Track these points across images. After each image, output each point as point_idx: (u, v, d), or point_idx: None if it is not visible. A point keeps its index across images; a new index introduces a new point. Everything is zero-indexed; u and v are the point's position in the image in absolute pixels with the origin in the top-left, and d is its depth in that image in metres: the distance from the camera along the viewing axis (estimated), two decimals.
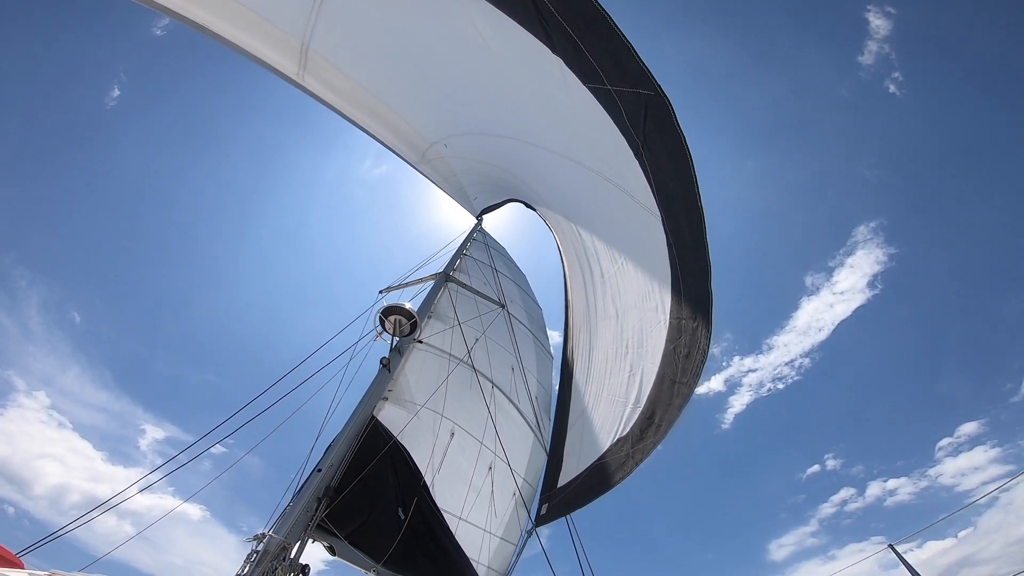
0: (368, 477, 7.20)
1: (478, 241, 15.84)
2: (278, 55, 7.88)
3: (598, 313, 10.05)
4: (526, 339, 13.19)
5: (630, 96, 6.38)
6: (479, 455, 9.75)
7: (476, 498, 9.18)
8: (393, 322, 8.91)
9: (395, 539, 7.10)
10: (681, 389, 7.36)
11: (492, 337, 11.73)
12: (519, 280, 16.18)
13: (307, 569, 5.51)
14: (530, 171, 11.01)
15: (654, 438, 7.58)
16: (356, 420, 7.56)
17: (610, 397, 8.86)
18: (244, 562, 5.26)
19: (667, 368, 7.61)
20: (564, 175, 9.57)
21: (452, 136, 10.66)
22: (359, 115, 9.60)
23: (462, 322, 10.66)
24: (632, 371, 8.40)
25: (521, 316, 13.78)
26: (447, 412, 9.61)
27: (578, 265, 10.95)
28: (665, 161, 6.74)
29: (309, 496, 6.30)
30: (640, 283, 8.35)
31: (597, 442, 8.68)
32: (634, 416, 8.05)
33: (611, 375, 9.11)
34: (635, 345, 8.45)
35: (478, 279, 13.35)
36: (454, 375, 10.05)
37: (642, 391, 8.00)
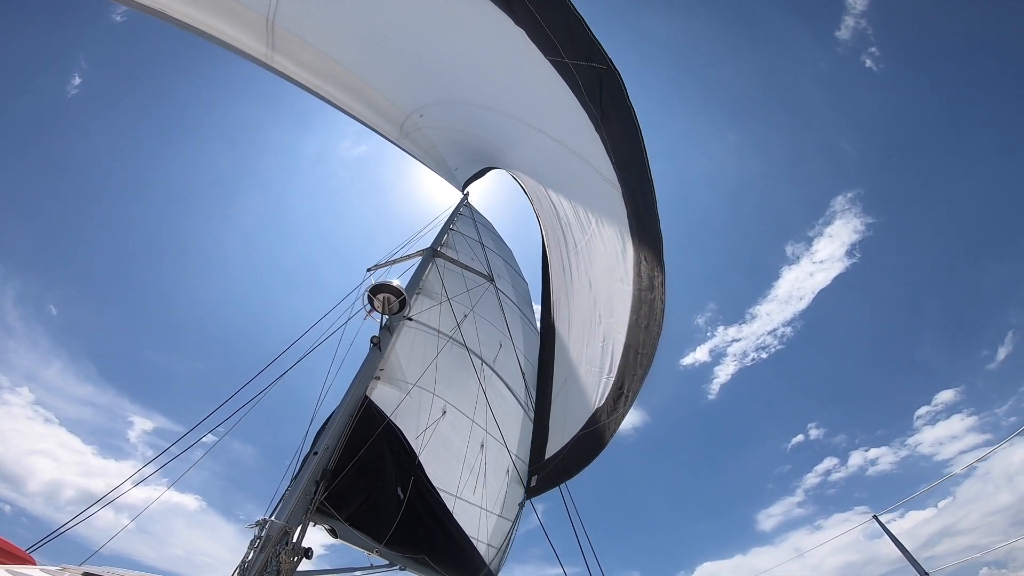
0: (365, 458, 7.10)
1: (465, 216, 15.67)
2: (244, 35, 7.59)
3: (574, 282, 9.98)
4: (514, 314, 13.10)
5: (586, 70, 6.38)
6: (471, 433, 9.68)
7: (470, 476, 9.13)
8: (382, 300, 8.74)
9: (395, 519, 7.04)
10: (642, 360, 7.33)
11: (481, 313, 11.61)
12: (505, 255, 16.05)
13: (310, 552, 5.45)
14: (505, 141, 10.88)
15: (623, 409, 7.55)
16: (349, 401, 7.45)
17: (588, 367, 8.80)
18: (248, 548, 5.19)
19: (631, 339, 7.57)
20: (536, 145, 9.47)
21: (428, 105, 10.46)
22: (334, 92, 9.35)
23: (451, 298, 10.53)
24: (605, 341, 8.35)
25: (508, 291, 13.67)
26: (438, 390, 9.50)
27: (554, 235, 10.84)
28: (620, 135, 6.73)
29: (307, 479, 6.21)
30: (607, 254, 8.29)
31: (580, 412, 8.62)
32: (608, 386, 8.01)
33: (588, 345, 9.05)
34: (606, 315, 8.41)
35: (466, 254, 13.20)
36: (444, 352, 9.94)
37: (613, 361, 7.95)
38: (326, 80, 9.04)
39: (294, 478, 6.47)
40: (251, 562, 5.05)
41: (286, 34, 7.82)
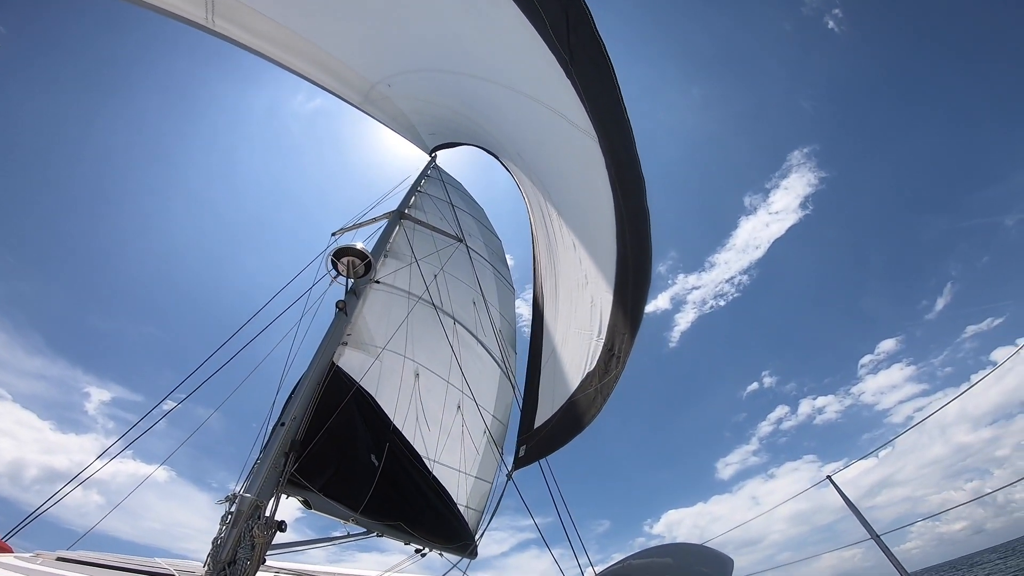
0: (334, 426, 6.79)
1: (433, 177, 15.15)
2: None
3: (559, 244, 9.64)
4: (486, 272, 12.73)
5: (551, 5, 5.90)
6: (447, 394, 9.41)
7: (447, 439, 8.89)
8: (346, 263, 8.39)
9: (370, 487, 6.77)
10: (631, 317, 7.05)
11: (451, 272, 11.24)
12: (477, 213, 15.60)
13: (283, 525, 5.21)
14: (477, 109, 10.42)
15: (616, 371, 7.27)
16: (315, 368, 7.11)
17: (577, 330, 8.51)
18: (220, 524, 4.97)
19: (618, 296, 7.27)
20: (509, 107, 9.02)
21: (395, 75, 9.95)
22: (288, 58, 8.79)
23: (419, 259, 10.17)
24: (593, 302, 8.03)
25: (480, 249, 13.27)
26: (410, 352, 9.18)
27: (536, 201, 10.49)
28: (592, 74, 6.27)
29: (275, 451, 5.93)
30: (589, 209, 7.97)
31: (569, 379, 8.36)
32: (598, 349, 7.72)
33: (576, 307, 8.75)
34: (593, 274, 8.08)
35: (434, 215, 12.74)
36: (415, 313, 9.60)
37: (603, 322, 7.64)
38: (278, 46, 8.48)
39: (263, 450, 6.21)
40: (224, 538, 4.83)
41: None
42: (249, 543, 4.74)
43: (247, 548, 4.70)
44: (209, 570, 4.54)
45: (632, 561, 5.72)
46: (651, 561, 5.53)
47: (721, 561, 5.09)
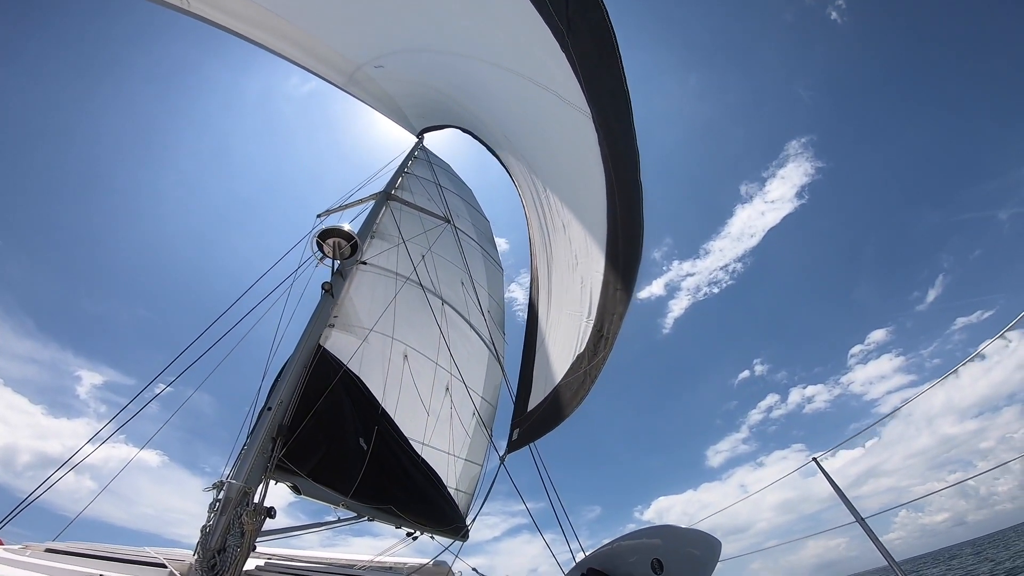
0: (322, 410, 6.72)
1: (420, 158, 14.99)
2: None
3: (550, 226, 9.56)
4: (474, 252, 12.64)
5: None
6: (435, 376, 9.36)
7: (436, 422, 8.85)
8: (332, 245, 8.27)
9: (360, 471, 6.73)
10: (620, 296, 6.96)
11: (439, 253, 11.14)
12: (464, 194, 15.46)
13: (273, 512, 5.14)
14: (464, 90, 10.26)
15: (604, 352, 7.22)
16: (302, 351, 7.01)
17: (568, 312, 8.45)
18: (208, 511, 4.89)
19: (609, 275, 7.19)
20: (497, 87, 8.88)
21: (381, 56, 9.76)
22: (270, 39, 8.59)
23: (407, 240, 10.06)
24: (583, 283, 7.96)
25: (468, 229, 13.15)
26: (398, 334, 9.11)
27: (527, 183, 10.37)
28: (590, 46, 6.16)
29: (262, 437, 5.85)
30: (580, 189, 7.89)
31: (560, 361, 8.30)
32: (588, 330, 7.66)
33: (567, 289, 8.68)
34: (583, 255, 8.00)
35: (422, 196, 12.57)
36: (402, 294, 9.51)
37: (592, 303, 7.58)
38: (258, 27, 8.30)
39: (249, 436, 6.14)
40: (213, 526, 4.77)
41: None
42: (239, 530, 4.68)
43: (236, 535, 4.65)
44: (199, 558, 4.50)
45: (621, 542, 5.74)
46: (640, 542, 5.54)
47: (709, 543, 5.11)
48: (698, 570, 5.14)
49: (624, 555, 5.64)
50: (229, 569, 4.39)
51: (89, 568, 3.95)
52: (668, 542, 5.35)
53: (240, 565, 4.50)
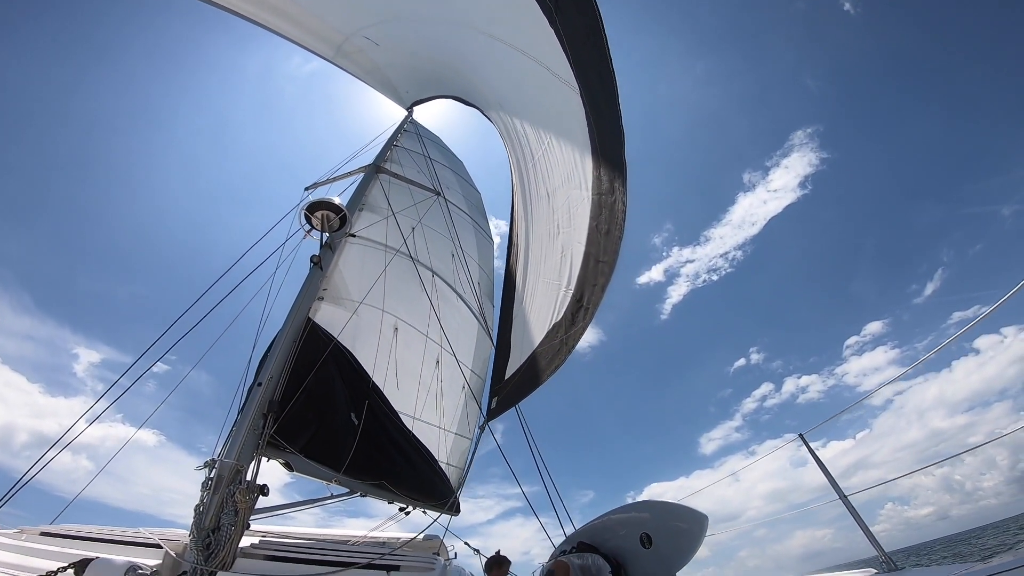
0: (313, 385, 6.64)
1: (410, 132, 14.73)
2: None
3: (532, 196, 9.52)
4: (465, 224, 12.52)
5: None
6: (426, 349, 9.32)
7: (427, 395, 8.82)
8: (320, 217, 8.17)
9: (352, 446, 6.69)
10: (603, 268, 6.96)
11: (429, 225, 11.01)
12: (455, 167, 15.27)
13: (266, 489, 5.11)
14: (455, 56, 10.12)
15: (583, 322, 7.22)
16: (291, 325, 6.93)
17: (546, 281, 8.44)
18: (201, 490, 4.85)
19: (591, 247, 7.19)
20: (488, 56, 8.78)
21: (369, 26, 9.55)
22: (257, 12, 8.36)
23: (396, 212, 9.93)
24: (563, 252, 7.96)
25: (459, 202, 13.03)
26: (388, 307, 9.03)
27: (514, 151, 10.29)
28: (577, 22, 6.17)
29: (253, 413, 5.79)
30: (565, 161, 7.88)
31: (536, 329, 8.30)
32: (567, 300, 7.65)
33: (546, 259, 8.66)
34: (565, 225, 7.99)
35: (411, 169, 12.36)
36: (392, 267, 9.41)
37: (572, 273, 7.58)
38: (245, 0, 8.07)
39: (240, 412, 6.09)
40: (206, 505, 4.75)
41: None
42: (232, 508, 4.67)
43: (230, 514, 4.63)
44: (194, 537, 4.49)
45: (611, 516, 5.84)
46: (629, 516, 5.63)
47: (696, 518, 5.19)
48: (685, 544, 5.23)
49: (614, 529, 5.73)
50: (224, 547, 4.38)
51: (84, 550, 3.94)
52: (656, 517, 5.43)
53: (235, 543, 4.50)
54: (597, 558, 5.37)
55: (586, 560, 5.40)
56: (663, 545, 5.23)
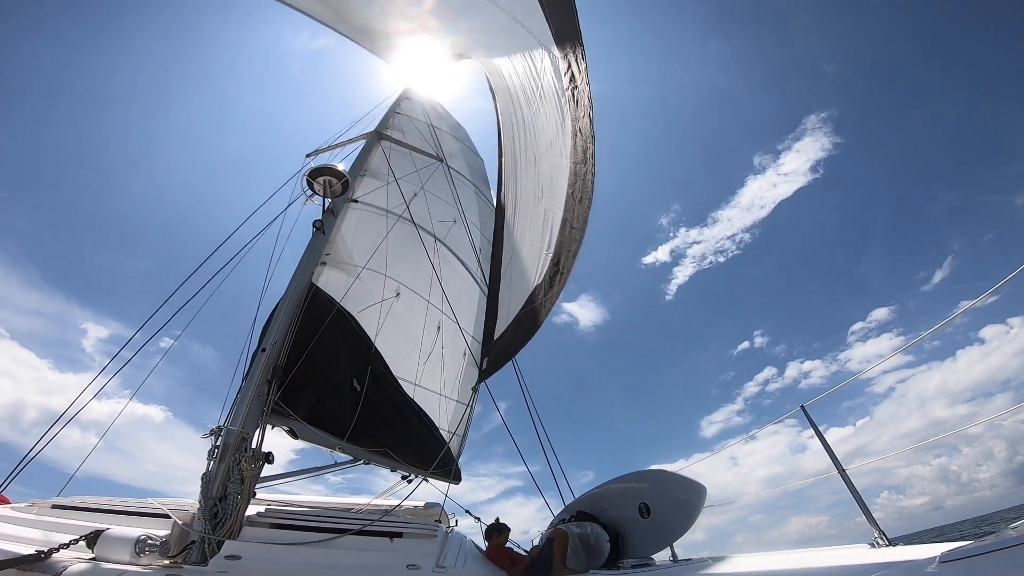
0: (316, 350, 6.60)
1: (412, 99, 14.53)
2: None
3: (522, 159, 9.45)
4: (467, 190, 12.36)
5: None
6: (427, 314, 9.26)
7: (427, 361, 8.78)
8: (323, 183, 8.06)
9: (355, 413, 6.67)
10: (575, 235, 6.97)
11: (432, 191, 10.88)
12: (458, 134, 15.07)
13: (271, 457, 5.13)
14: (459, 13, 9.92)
15: (558, 286, 7.22)
16: (294, 290, 6.89)
17: (531, 243, 8.40)
18: (208, 459, 4.88)
19: (568, 213, 7.19)
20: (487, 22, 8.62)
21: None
22: None
23: (399, 178, 9.79)
24: (546, 216, 7.92)
25: (462, 168, 12.84)
26: (390, 271, 8.95)
27: (507, 113, 10.18)
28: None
29: (257, 379, 5.77)
30: (549, 127, 7.88)
31: (522, 289, 8.27)
32: (546, 263, 7.65)
33: (530, 220, 8.61)
34: (548, 190, 7.97)
35: (414, 136, 12.19)
36: (394, 232, 9.32)
37: (552, 236, 7.55)
38: None
39: (244, 378, 6.06)
40: (213, 473, 4.77)
41: None
42: (238, 477, 4.69)
43: (236, 482, 4.65)
44: (201, 506, 4.51)
45: (610, 486, 5.86)
46: (628, 486, 5.66)
47: (695, 489, 5.22)
48: (683, 515, 5.27)
49: (612, 498, 5.76)
50: (231, 516, 4.42)
51: (95, 522, 3.95)
52: (655, 487, 5.46)
53: (241, 512, 4.53)
54: (595, 527, 5.41)
55: (585, 529, 5.44)
56: (661, 515, 5.27)
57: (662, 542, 5.29)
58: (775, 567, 3.41)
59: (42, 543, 3.09)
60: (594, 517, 5.66)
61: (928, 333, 4.50)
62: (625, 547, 5.29)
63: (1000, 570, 1.51)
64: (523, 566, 5.18)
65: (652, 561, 4.66)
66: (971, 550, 1.67)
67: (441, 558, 4.49)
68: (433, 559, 4.42)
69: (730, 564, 3.80)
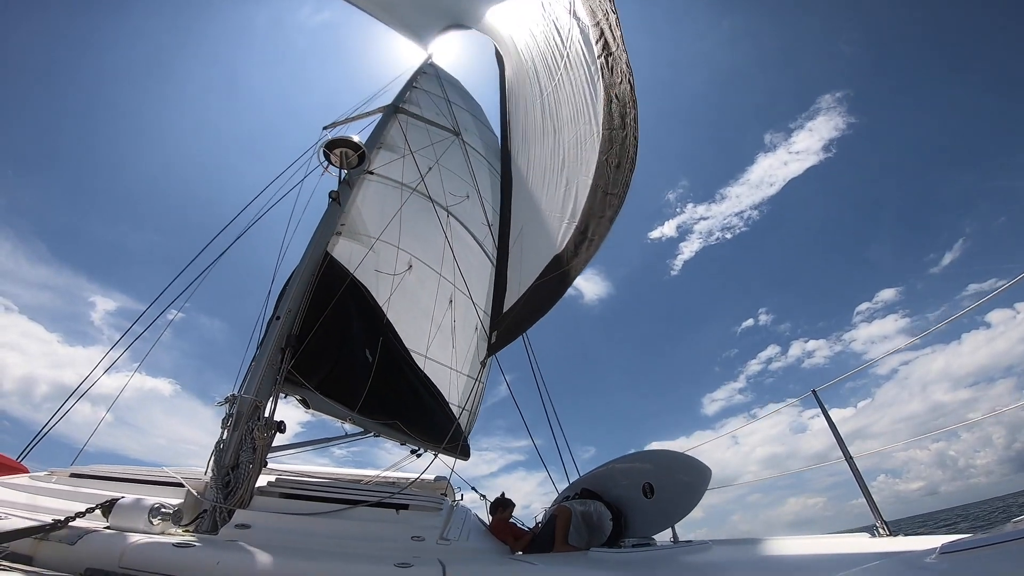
0: (329, 320, 6.60)
1: (429, 74, 14.40)
2: None
3: (537, 128, 9.34)
4: (481, 166, 12.23)
5: None
6: (439, 287, 9.26)
7: (438, 334, 8.80)
8: (339, 155, 8.02)
9: (366, 384, 6.68)
10: (612, 200, 6.89)
11: (446, 165, 10.78)
12: (474, 109, 14.90)
13: (283, 426, 5.17)
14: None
15: (587, 253, 7.16)
16: (309, 258, 6.88)
17: (548, 214, 8.34)
18: (221, 427, 4.93)
19: (599, 180, 7.13)
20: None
21: None
22: None
23: (415, 151, 9.73)
24: (568, 185, 7.84)
25: (476, 144, 12.72)
26: (403, 243, 8.94)
27: (519, 84, 10.01)
28: None
29: (272, 347, 5.81)
30: (575, 96, 7.75)
31: (535, 261, 8.23)
32: (569, 232, 7.60)
33: (547, 190, 8.52)
34: (572, 160, 7.90)
35: (430, 110, 12.08)
36: (408, 205, 9.27)
37: (577, 205, 7.48)
38: None
39: (259, 346, 6.09)
40: (226, 442, 4.82)
41: None
42: (251, 445, 4.74)
43: (249, 451, 4.70)
44: (214, 475, 4.57)
45: (615, 465, 5.89)
46: (632, 466, 5.68)
47: (700, 470, 5.21)
48: (686, 496, 5.27)
49: (616, 478, 5.78)
50: (243, 485, 4.47)
51: (112, 491, 4.02)
52: (660, 467, 5.47)
53: (253, 481, 4.59)
54: (599, 505, 5.44)
55: (588, 507, 5.47)
56: (664, 496, 5.28)
57: (664, 523, 5.31)
58: (776, 553, 3.42)
59: (60, 512, 3.15)
60: (598, 495, 5.70)
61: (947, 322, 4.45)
62: (627, 526, 5.33)
63: (1000, 563, 1.51)
64: (525, 542, 5.23)
65: (653, 541, 4.67)
66: (971, 542, 1.68)
67: (445, 531, 4.54)
68: (437, 531, 4.47)
69: (730, 549, 3.82)
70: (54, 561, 2.68)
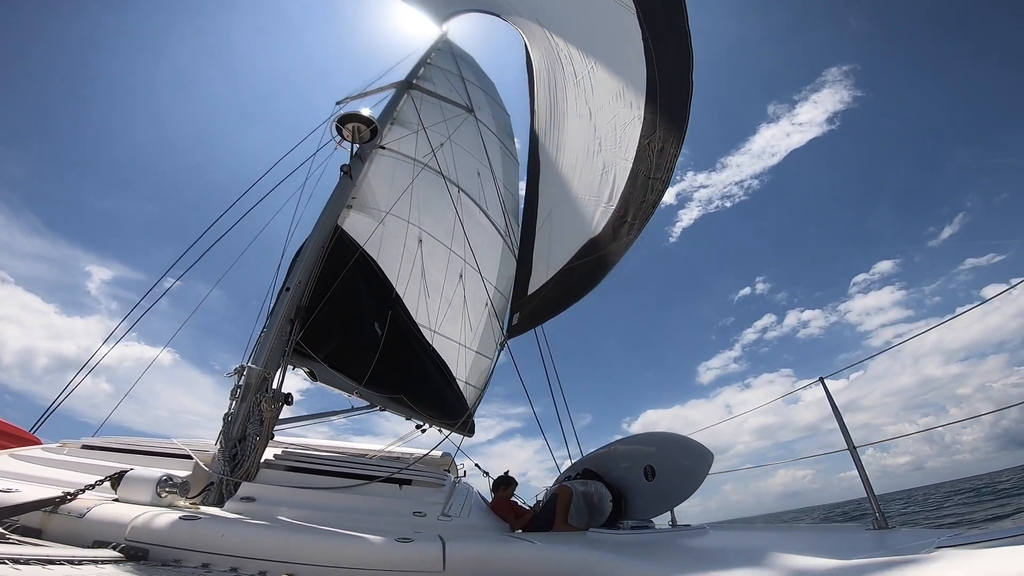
0: (338, 292, 6.57)
1: (443, 51, 14.16)
2: None
3: (569, 114, 9.12)
4: (493, 144, 12.08)
5: None
6: (449, 262, 9.19)
7: (448, 309, 8.75)
8: (352, 129, 7.93)
9: (374, 357, 6.67)
10: (655, 185, 6.77)
11: (458, 142, 10.65)
12: (487, 87, 14.67)
13: (290, 398, 5.17)
14: None
15: (628, 237, 7.06)
16: (320, 230, 6.82)
17: (583, 197, 8.20)
18: (230, 398, 4.93)
19: (640, 164, 6.98)
20: None
21: None
22: None
23: (427, 127, 9.62)
24: (605, 169, 7.68)
25: (488, 122, 12.56)
26: (414, 218, 8.85)
27: (548, 68, 9.78)
28: None
29: (281, 318, 5.79)
30: (613, 81, 7.51)
31: (567, 245, 8.10)
32: (607, 216, 7.46)
33: (581, 174, 8.36)
34: (609, 143, 7.71)
35: (444, 86, 11.90)
36: (420, 180, 9.18)
37: (615, 189, 7.35)
38: None
39: (268, 317, 6.10)
40: (235, 413, 4.82)
41: None
42: (258, 418, 4.75)
43: (256, 423, 4.71)
44: (222, 447, 4.60)
45: (617, 446, 5.88)
46: (634, 448, 5.66)
47: (702, 454, 5.18)
48: (688, 480, 5.24)
49: (618, 460, 5.77)
50: (249, 457, 4.49)
51: (122, 463, 4.04)
52: (662, 450, 5.43)
53: (259, 454, 4.60)
54: (600, 485, 5.43)
55: (589, 487, 5.47)
56: (665, 480, 5.26)
57: (663, 506, 5.29)
58: (772, 544, 3.41)
59: (71, 484, 3.17)
60: (600, 476, 5.70)
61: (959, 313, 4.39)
62: (627, 508, 5.32)
63: (995, 560, 1.49)
64: (526, 520, 5.25)
65: (651, 524, 4.67)
66: (967, 538, 1.66)
67: (447, 507, 4.54)
68: (439, 507, 4.48)
69: (727, 536, 3.80)
70: (63, 534, 2.69)
